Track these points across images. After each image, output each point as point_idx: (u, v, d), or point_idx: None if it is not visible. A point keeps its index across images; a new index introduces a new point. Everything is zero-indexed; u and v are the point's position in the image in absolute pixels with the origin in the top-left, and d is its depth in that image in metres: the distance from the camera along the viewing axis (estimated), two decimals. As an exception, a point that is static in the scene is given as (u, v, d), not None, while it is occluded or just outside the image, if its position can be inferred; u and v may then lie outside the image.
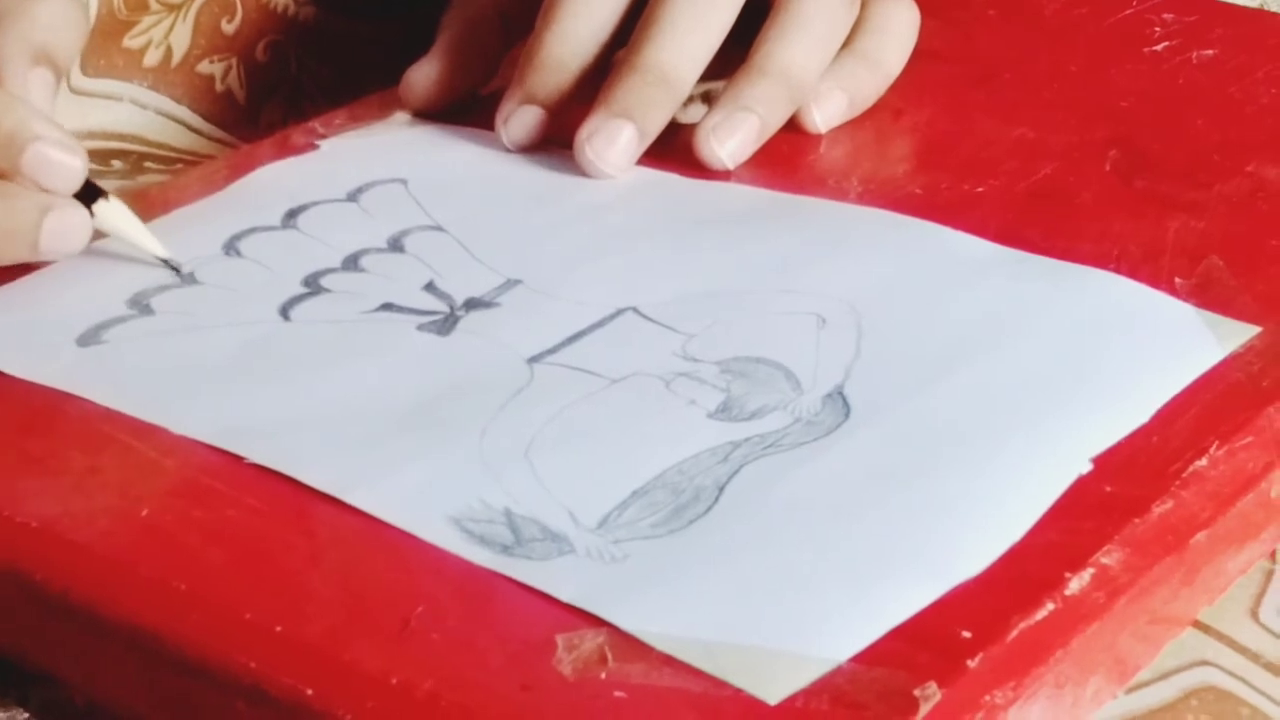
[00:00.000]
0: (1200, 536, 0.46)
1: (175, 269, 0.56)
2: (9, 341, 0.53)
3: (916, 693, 0.40)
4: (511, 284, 0.55)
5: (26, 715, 0.46)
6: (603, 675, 0.41)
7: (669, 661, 0.41)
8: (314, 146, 0.63)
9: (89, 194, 0.56)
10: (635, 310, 0.53)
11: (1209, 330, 0.52)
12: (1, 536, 0.46)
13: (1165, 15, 0.70)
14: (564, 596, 0.43)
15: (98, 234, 0.56)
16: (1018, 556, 0.44)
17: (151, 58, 0.71)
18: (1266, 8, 0.76)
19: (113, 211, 0.56)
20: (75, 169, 0.55)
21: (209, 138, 0.72)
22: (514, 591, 0.43)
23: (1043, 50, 0.69)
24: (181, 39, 0.71)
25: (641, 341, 0.52)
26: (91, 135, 0.70)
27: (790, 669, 0.41)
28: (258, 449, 0.48)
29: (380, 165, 0.62)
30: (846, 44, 0.65)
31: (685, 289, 0.55)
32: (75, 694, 0.46)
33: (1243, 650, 0.47)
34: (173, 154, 0.71)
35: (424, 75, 0.65)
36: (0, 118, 0.54)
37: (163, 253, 0.56)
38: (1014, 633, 0.42)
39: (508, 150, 0.62)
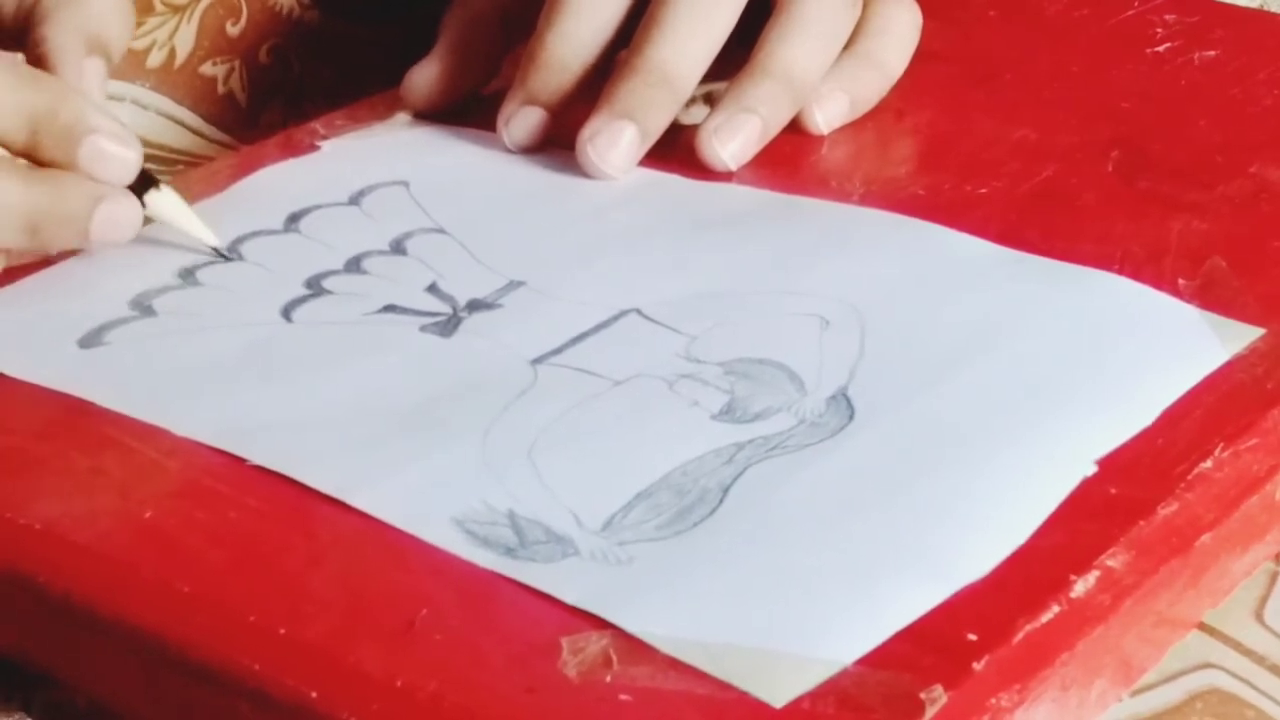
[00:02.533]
0: (1205, 539, 0.45)
1: (226, 257, 0.57)
2: (11, 343, 0.53)
3: (922, 695, 0.40)
4: (514, 285, 0.55)
5: (29, 719, 0.46)
6: (608, 678, 0.41)
7: (674, 664, 0.41)
8: (315, 147, 0.63)
9: (141, 182, 0.56)
10: (638, 312, 0.53)
11: (1213, 332, 0.52)
12: (3, 538, 0.46)
13: (1167, 16, 0.70)
14: (568, 599, 0.43)
15: (146, 220, 0.57)
16: (1023, 559, 0.44)
17: (155, 59, 0.71)
18: (1267, 8, 0.76)
19: (164, 200, 0.57)
20: (130, 161, 0.55)
21: (209, 139, 0.72)
22: (518, 593, 0.43)
23: (1044, 51, 0.69)
24: (185, 40, 0.71)
25: (645, 343, 0.52)
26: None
27: (796, 671, 0.41)
28: (260, 450, 0.48)
29: (382, 167, 0.62)
30: (848, 45, 0.64)
31: (688, 290, 0.54)
32: (77, 696, 0.46)
33: (1248, 652, 0.47)
34: (173, 155, 0.71)
35: (425, 76, 0.65)
36: (58, 110, 0.55)
37: (214, 241, 0.57)
38: (1019, 635, 0.42)
39: (509, 151, 0.62)
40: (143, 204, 0.56)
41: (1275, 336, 0.51)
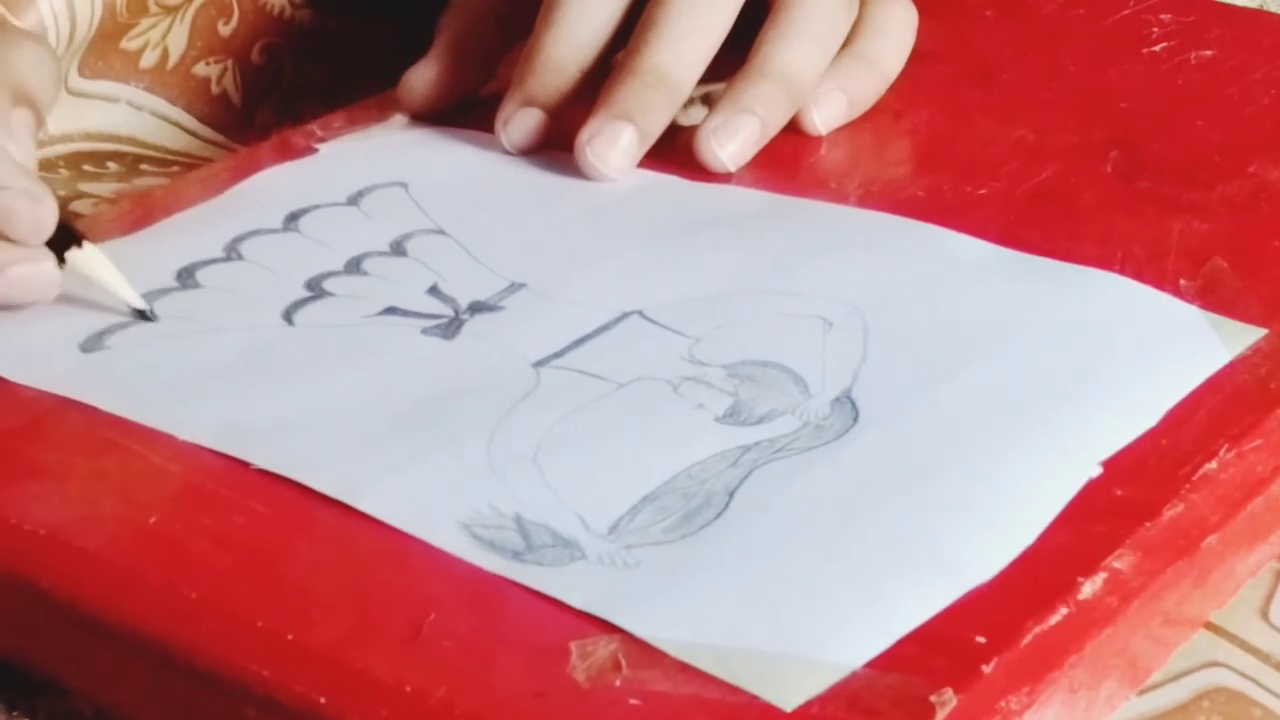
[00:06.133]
0: (1211, 539, 0.46)
1: (149, 318, 0.54)
2: (12, 348, 0.53)
3: (932, 698, 0.40)
4: (515, 287, 0.55)
5: (35, 724, 0.46)
6: (617, 682, 0.41)
7: (683, 668, 0.41)
8: (313, 150, 0.63)
9: (65, 238, 0.54)
10: (640, 314, 0.53)
11: (1215, 332, 0.52)
12: (7, 544, 0.46)
13: (1163, 16, 0.70)
14: (576, 603, 0.43)
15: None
16: (1030, 561, 0.44)
17: (148, 59, 0.70)
18: (1266, 8, 0.76)
19: (85, 259, 0.55)
20: (42, 221, 0.53)
21: (204, 139, 0.72)
22: (526, 597, 0.43)
23: (1041, 51, 0.69)
24: (178, 41, 0.71)
25: (647, 345, 0.52)
26: (87, 137, 0.70)
27: (805, 675, 0.41)
28: (264, 454, 0.48)
29: (380, 168, 0.62)
30: (845, 45, 0.64)
31: (689, 292, 0.54)
32: (83, 703, 0.45)
33: (1254, 651, 0.47)
34: (168, 156, 0.71)
35: (422, 77, 0.65)
36: None
37: (138, 302, 0.54)
38: (1028, 638, 0.42)
39: (508, 153, 0.62)
40: (64, 261, 0.54)
41: (1278, 337, 0.52)
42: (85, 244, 0.55)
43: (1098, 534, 0.45)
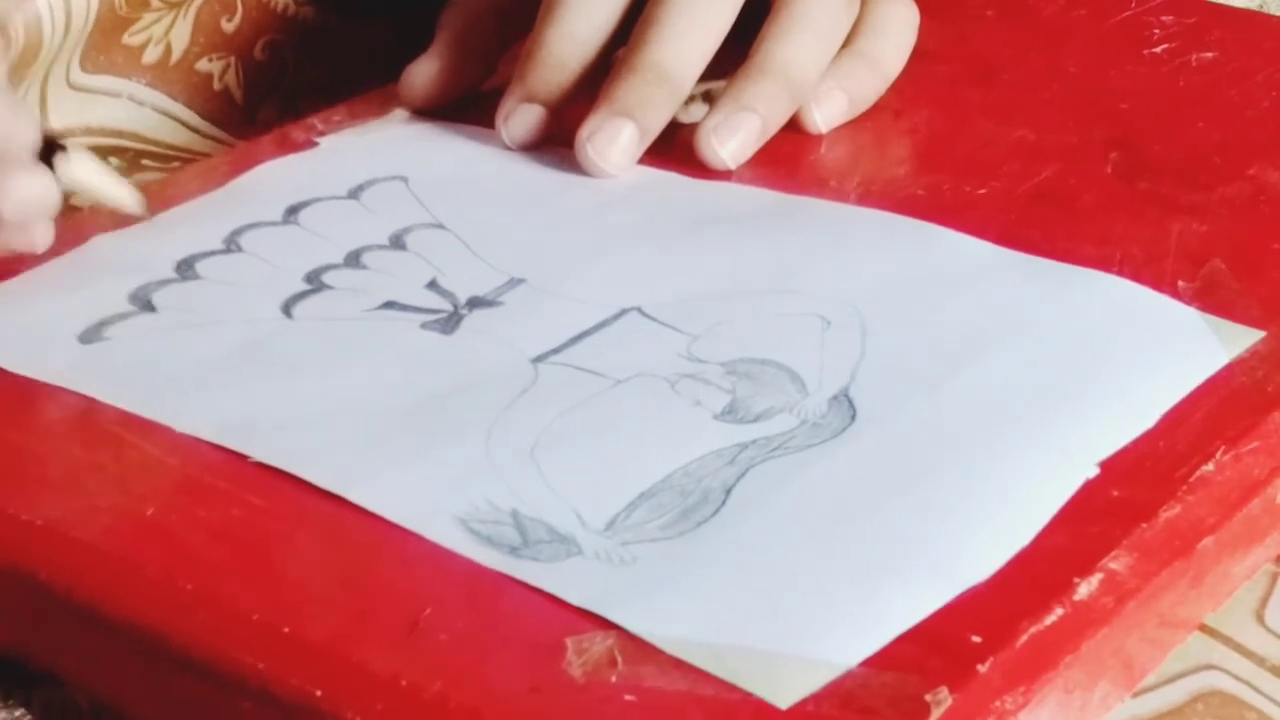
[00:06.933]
0: (1207, 541, 0.46)
1: (143, 217, 0.53)
2: (11, 338, 0.53)
3: (927, 698, 0.40)
4: (515, 283, 0.55)
5: (30, 717, 0.45)
6: (612, 678, 0.41)
7: (679, 665, 0.41)
8: (313, 144, 0.63)
9: (48, 150, 0.53)
10: (639, 310, 0.53)
11: (1213, 334, 0.52)
12: (4, 535, 0.46)
13: (1164, 17, 0.70)
14: (572, 599, 0.43)
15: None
16: (1026, 561, 0.44)
17: (151, 55, 0.70)
18: (1266, 9, 0.76)
19: (76, 165, 0.53)
20: (20, 130, 0.52)
21: (206, 136, 0.72)
22: (523, 593, 0.43)
23: (1041, 51, 0.69)
24: (181, 36, 0.71)
25: (646, 342, 0.52)
26: (89, 131, 0.69)
27: (801, 673, 0.41)
28: (262, 447, 0.48)
29: (380, 162, 0.62)
30: (846, 44, 0.64)
31: (688, 289, 0.54)
32: (79, 695, 0.46)
33: (1249, 654, 0.47)
34: (169, 151, 0.71)
35: (423, 73, 0.65)
36: None
37: (135, 205, 0.53)
38: (1023, 638, 0.42)
39: (508, 148, 0.62)
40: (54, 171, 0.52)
41: (1275, 339, 0.52)
42: (71, 148, 0.53)
43: (1094, 535, 0.45)
